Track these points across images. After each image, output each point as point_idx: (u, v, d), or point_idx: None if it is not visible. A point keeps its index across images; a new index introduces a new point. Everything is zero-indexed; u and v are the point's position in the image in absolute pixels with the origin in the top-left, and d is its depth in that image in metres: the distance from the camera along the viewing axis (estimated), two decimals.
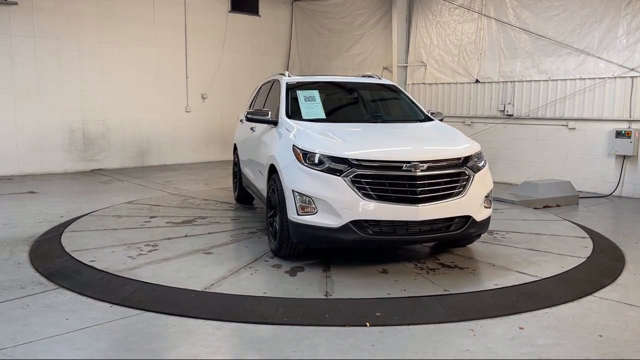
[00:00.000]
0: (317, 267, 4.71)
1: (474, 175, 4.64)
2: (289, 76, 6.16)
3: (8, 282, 4.36)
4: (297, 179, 4.52)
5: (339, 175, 4.35)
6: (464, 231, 4.62)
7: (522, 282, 4.36)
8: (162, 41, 12.03)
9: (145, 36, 11.78)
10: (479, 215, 4.68)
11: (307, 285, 4.27)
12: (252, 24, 13.53)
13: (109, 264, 4.66)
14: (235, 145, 7.73)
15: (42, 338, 3.36)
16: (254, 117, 5.59)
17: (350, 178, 4.33)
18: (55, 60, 10.61)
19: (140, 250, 5.10)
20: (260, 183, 5.76)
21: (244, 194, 7.35)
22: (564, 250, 5.33)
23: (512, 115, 9.98)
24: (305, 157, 4.54)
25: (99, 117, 11.29)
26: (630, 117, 8.52)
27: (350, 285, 4.26)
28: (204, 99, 12.70)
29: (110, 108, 11.43)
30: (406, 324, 3.62)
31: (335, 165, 4.41)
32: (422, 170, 4.39)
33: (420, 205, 4.34)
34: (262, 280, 4.36)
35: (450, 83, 11.02)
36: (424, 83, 11.52)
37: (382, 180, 4.35)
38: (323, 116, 5.50)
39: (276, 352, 3.26)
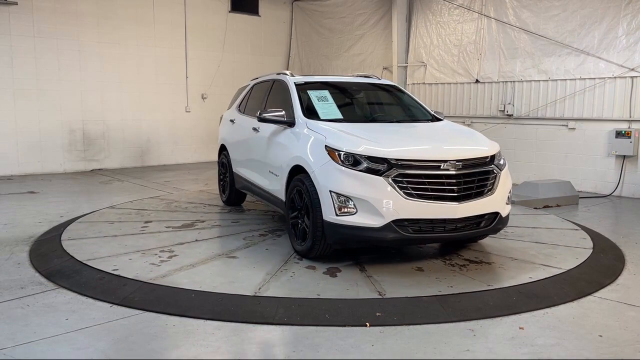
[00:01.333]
0: (352, 267, 4.70)
1: (500, 173, 4.81)
2: (293, 76, 6.11)
3: (8, 282, 4.36)
4: (334, 180, 4.48)
5: (381, 175, 4.37)
6: (493, 227, 4.81)
7: (552, 275, 4.51)
8: (162, 41, 12.03)
9: (145, 36, 11.78)
10: (504, 211, 4.89)
11: (355, 285, 4.25)
12: (252, 24, 13.53)
13: (136, 272, 4.44)
14: (222, 146, 7.45)
15: (42, 338, 3.36)
16: (269, 117, 5.46)
17: (392, 178, 4.36)
18: (55, 60, 10.61)
19: (159, 256, 4.89)
20: (271, 184, 5.66)
21: (236, 196, 7.18)
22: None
23: (512, 115, 9.98)
24: (342, 157, 4.52)
25: (99, 117, 11.29)
26: (630, 117, 8.52)
27: (397, 284, 4.29)
28: (204, 99, 12.70)
29: (110, 108, 11.43)
30: (406, 324, 3.62)
31: (375, 165, 4.42)
32: (458, 169, 4.49)
33: (458, 203, 4.45)
34: (306, 282, 4.30)
35: (450, 83, 11.02)
36: (424, 83, 11.52)
37: (422, 179, 4.41)
38: (340, 116, 5.50)
39: (276, 352, 3.26)
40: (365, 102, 6.30)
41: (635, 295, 4.25)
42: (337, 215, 4.45)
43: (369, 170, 4.40)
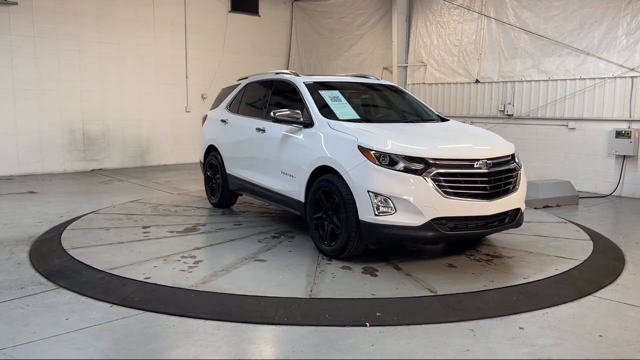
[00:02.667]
0: (387, 266, 4.73)
1: (520, 171, 5.06)
2: (298, 75, 6.06)
3: (8, 282, 4.36)
4: (372, 180, 4.48)
5: (420, 175, 4.43)
6: (516, 222, 5.01)
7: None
8: (162, 41, 12.03)
9: (145, 36, 11.78)
10: (523, 207, 5.11)
11: (401, 284, 4.29)
12: (252, 24, 13.53)
13: (172, 279, 4.27)
14: (211, 147, 7.21)
15: (42, 338, 3.36)
16: (285, 118, 5.39)
17: (431, 177, 4.44)
18: (55, 60, 10.61)
19: (184, 262, 4.73)
20: (283, 185, 5.59)
21: (228, 198, 7.04)
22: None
23: (512, 115, 9.98)
24: (379, 157, 4.53)
25: (99, 117, 11.29)
26: (630, 117, 8.52)
27: (441, 282, 4.34)
28: (204, 98, 12.69)
29: (110, 108, 11.43)
30: (406, 324, 3.62)
31: (412, 165, 4.47)
32: (489, 168, 4.64)
33: (489, 200, 4.61)
34: (352, 283, 4.29)
35: (450, 83, 11.02)
36: (424, 83, 11.52)
37: (458, 177, 4.52)
38: (357, 116, 5.50)
39: (276, 352, 3.27)
40: (374, 103, 6.27)
41: (635, 295, 4.25)
42: (375, 215, 4.47)
43: (407, 170, 4.45)
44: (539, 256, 5.12)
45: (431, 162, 4.48)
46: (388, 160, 4.51)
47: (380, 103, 6.29)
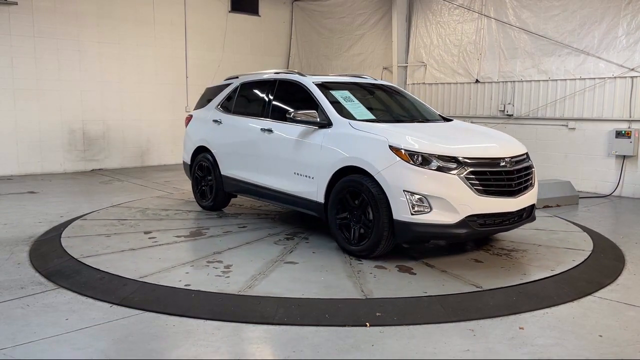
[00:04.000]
0: (419, 264, 4.81)
1: (534, 168, 5.27)
2: (304, 75, 6.01)
3: (8, 282, 4.36)
4: (407, 180, 4.53)
5: (455, 173, 4.53)
6: (531, 217, 5.22)
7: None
8: (162, 41, 12.03)
9: (145, 36, 11.78)
10: (536, 203, 5.29)
11: (446, 281, 4.36)
12: (252, 24, 13.53)
13: (215, 285, 4.17)
14: (202, 148, 7.00)
15: (42, 338, 3.36)
16: (302, 118, 5.35)
17: (464, 175, 4.54)
18: (55, 60, 10.60)
19: (215, 267, 4.61)
20: (297, 186, 5.54)
21: (223, 200, 6.89)
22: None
23: (512, 115, 9.98)
24: (412, 157, 4.58)
25: (99, 117, 11.29)
26: (630, 117, 8.52)
27: (479, 277, 4.46)
28: None
29: (110, 108, 11.43)
30: (406, 324, 3.62)
31: (446, 164, 4.57)
32: (513, 165, 4.83)
33: (514, 197, 4.80)
34: (397, 282, 4.32)
35: (450, 83, 11.02)
36: (424, 83, 11.52)
37: (487, 175, 4.67)
38: (372, 116, 5.53)
39: (276, 352, 3.26)
40: (381, 102, 6.24)
41: (635, 295, 4.25)
42: (411, 214, 4.52)
43: (442, 169, 4.54)
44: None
45: (462, 161, 4.60)
46: (421, 160, 4.58)
47: (388, 103, 6.26)
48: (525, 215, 5.08)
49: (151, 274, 4.44)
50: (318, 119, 5.33)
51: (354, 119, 5.30)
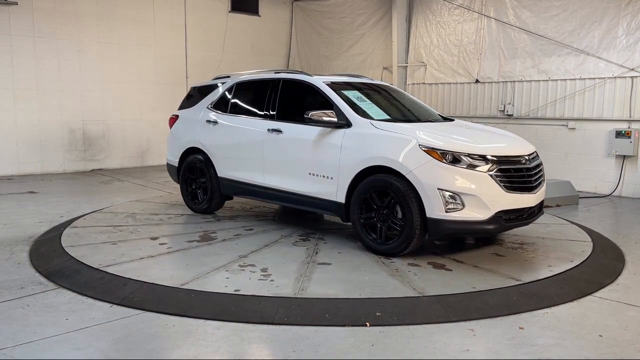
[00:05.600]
0: (449, 260, 4.93)
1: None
2: (311, 75, 5.98)
3: (8, 282, 4.36)
4: (441, 178, 4.65)
5: (485, 171, 4.68)
6: (542, 211, 5.37)
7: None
8: (162, 41, 12.03)
9: (145, 36, 11.78)
10: None
11: (483, 276, 4.50)
12: (252, 24, 13.53)
13: (266, 289, 4.12)
14: (192, 149, 6.83)
15: (42, 338, 3.36)
16: (321, 119, 5.28)
17: (494, 173, 4.70)
18: (55, 60, 10.60)
19: (251, 271, 4.53)
20: (313, 187, 5.48)
21: (219, 203, 6.71)
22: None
23: (512, 115, 9.98)
24: (445, 156, 4.69)
25: (99, 117, 11.29)
26: (630, 117, 8.52)
27: (515, 271, 4.66)
28: None
29: (110, 108, 11.43)
30: (406, 324, 3.62)
31: (476, 162, 4.71)
32: (530, 162, 5.03)
33: (534, 192, 5.00)
34: (439, 279, 4.42)
35: (450, 83, 11.02)
36: (424, 83, 11.52)
37: (512, 172, 4.85)
38: (387, 116, 5.58)
39: (276, 352, 3.26)
40: (389, 103, 6.20)
41: (635, 295, 4.25)
42: (445, 211, 4.63)
43: (473, 167, 4.69)
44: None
45: (490, 159, 4.75)
46: (452, 159, 4.69)
47: (393, 103, 6.23)
48: (537, 209, 5.23)
49: (190, 280, 4.28)
50: (336, 119, 5.32)
51: (371, 118, 5.34)
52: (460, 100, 10.85)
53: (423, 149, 4.75)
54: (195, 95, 7.25)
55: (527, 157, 5.01)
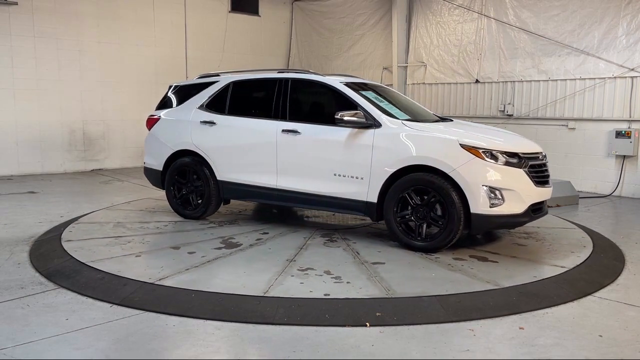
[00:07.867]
0: (485, 252, 5.21)
1: None
2: (319, 75, 5.94)
3: (8, 282, 4.36)
4: (485, 175, 4.90)
5: (521, 167, 5.02)
6: (547, 209, 5.62)
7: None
8: (162, 41, 12.03)
9: (145, 36, 11.77)
10: None
11: (528, 266, 4.83)
12: (252, 24, 13.53)
13: (355, 293, 4.07)
14: (181, 152, 6.49)
15: (42, 338, 3.36)
16: (350, 119, 5.26)
17: (527, 169, 5.05)
18: (55, 60, 10.60)
19: (318, 275, 4.46)
20: (340, 188, 5.43)
21: (216, 208, 6.42)
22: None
23: (512, 115, 9.98)
24: (487, 154, 4.95)
25: (99, 117, 11.29)
26: (630, 117, 8.52)
27: (550, 259, 5.04)
28: None
29: (110, 108, 11.43)
30: (406, 324, 3.62)
31: (511, 159, 5.01)
32: (544, 158, 5.42)
33: (547, 187, 5.34)
34: (498, 272, 4.62)
35: (450, 83, 11.02)
36: (424, 83, 11.52)
37: (537, 168, 5.21)
38: (407, 116, 5.66)
39: (276, 352, 3.26)
40: (393, 103, 6.09)
41: (635, 295, 4.25)
42: (489, 207, 4.89)
43: (510, 164, 4.99)
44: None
45: (523, 156, 5.08)
46: (490, 156, 4.96)
47: (398, 104, 6.11)
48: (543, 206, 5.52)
49: (269, 288, 4.15)
50: (364, 120, 5.32)
51: (396, 118, 5.44)
52: (460, 100, 10.85)
53: (465, 148, 4.95)
54: (179, 95, 6.94)
55: (542, 154, 5.39)
